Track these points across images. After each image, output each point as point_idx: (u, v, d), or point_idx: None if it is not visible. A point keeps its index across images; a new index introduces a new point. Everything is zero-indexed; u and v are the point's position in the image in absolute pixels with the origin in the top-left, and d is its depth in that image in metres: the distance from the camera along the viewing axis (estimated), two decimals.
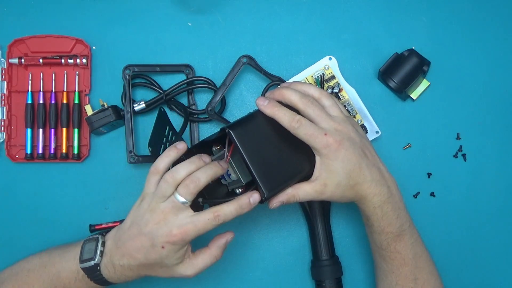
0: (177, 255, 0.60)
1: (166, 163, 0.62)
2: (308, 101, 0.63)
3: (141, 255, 0.60)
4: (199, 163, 0.61)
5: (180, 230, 0.59)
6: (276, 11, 0.80)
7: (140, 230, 0.60)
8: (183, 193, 0.59)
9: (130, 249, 0.61)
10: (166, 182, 0.60)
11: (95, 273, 0.62)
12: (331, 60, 0.77)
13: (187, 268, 0.62)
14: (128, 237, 0.61)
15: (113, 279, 0.63)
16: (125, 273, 0.62)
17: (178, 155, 0.62)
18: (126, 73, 0.76)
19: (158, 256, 0.60)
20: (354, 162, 0.62)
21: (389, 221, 0.64)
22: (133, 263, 0.61)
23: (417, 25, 0.79)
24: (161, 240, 0.59)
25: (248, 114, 0.64)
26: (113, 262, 0.62)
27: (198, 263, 0.62)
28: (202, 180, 0.59)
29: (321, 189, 0.62)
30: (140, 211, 0.61)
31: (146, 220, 0.60)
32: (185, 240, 0.59)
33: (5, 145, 0.77)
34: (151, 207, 0.60)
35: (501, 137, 0.78)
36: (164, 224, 0.59)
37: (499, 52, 0.79)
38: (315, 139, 0.61)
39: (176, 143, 0.62)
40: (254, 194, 0.60)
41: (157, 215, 0.59)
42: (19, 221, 0.78)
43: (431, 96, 0.79)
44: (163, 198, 0.60)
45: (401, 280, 0.66)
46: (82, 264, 0.62)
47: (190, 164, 0.60)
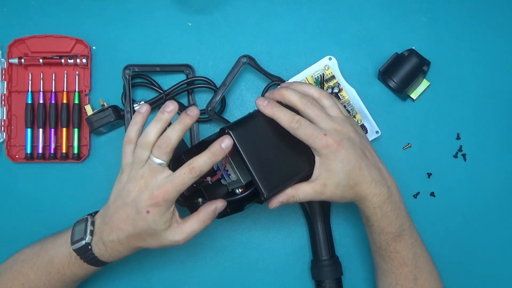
0: (163, 218, 0.60)
1: (136, 130, 0.62)
2: (307, 101, 0.63)
3: (128, 225, 0.60)
4: (165, 118, 0.61)
5: (160, 190, 0.59)
6: (276, 11, 0.80)
7: (123, 201, 0.60)
8: (158, 154, 0.59)
9: (116, 222, 0.61)
10: (140, 147, 0.60)
11: (87, 252, 0.62)
12: (331, 60, 0.77)
13: (175, 233, 0.61)
14: (114, 210, 0.61)
15: (105, 256, 0.63)
16: (115, 248, 0.62)
17: (144, 119, 0.63)
18: (126, 73, 0.76)
19: (145, 223, 0.60)
20: (353, 162, 0.62)
21: (388, 221, 0.64)
22: (122, 236, 0.61)
23: (417, 25, 0.79)
24: (144, 205, 0.59)
25: (247, 115, 0.64)
26: (103, 239, 0.62)
27: (186, 228, 0.62)
28: (174, 138, 0.60)
29: (321, 189, 0.62)
30: (121, 183, 0.62)
31: (128, 190, 0.60)
32: (167, 199, 0.59)
33: (5, 145, 0.77)
34: (131, 176, 0.61)
35: (501, 137, 0.78)
36: (145, 189, 0.59)
37: (499, 52, 0.79)
38: (314, 139, 0.61)
39: (139, 107, 0.63)
40: (225, 139, 0.59)
41: (137, 182, 0.60)
42: (19, 221, 0.78)
43: (431, 96, 0.79)
44: (141, 164, 0.60)
45: (401, 280, 0.66)
46: (74, 245, 0.62)
47: (157, 123, 0.61)
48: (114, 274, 0.77)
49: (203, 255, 0.78)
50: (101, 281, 0.77)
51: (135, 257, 0.77)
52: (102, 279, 0.77)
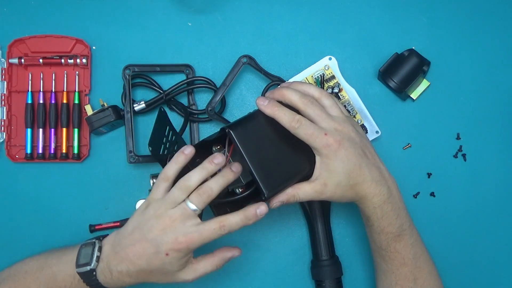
0: (180, 262, 0.60)
1: (175, 169, 0.61)
2: (308, 101, 0.63)
3: (142, 261, 0.60)
4: (211, 169, 0.60)
5: (186, 238, 0.58)
6: (276, 11, 0.80)
7: (143, 236, 0.59)
8: (196, 202, 0.59)
9: (130, 255, 0.60)
10: (179, 189, 0.60)
11: (91, 278, 0.62)
12: (331, 60, 0.77)
13: (188, 273, 0.62)
14: (129, 242, 0.60)
15: (110, 284, 0.62)
16: (122, 279, 0.62)
17: (186, 161, 0.61)
18: (126, 73, 0.76)
19: (161, 263, 0.59)
20: (354, 162, 0.62)
21: (389, 221, 0.64)
22: (133, 269, 0.60)
23: (417, 25, 0.79)
24: (165, 247, 0.58)
25: (248, 114, 0.64)
26: (110, 268, 0.61)
27: (199, 269, 0.62)
28: (215, 190, 0.60)
29: (321, 189, 0.62)
30: (145, 217, 0.60)
31: (151, 226, 0.59)
32: (189, 248, 0.59)
33: (5, 145, 0.77)
34: (158, 213, 0.60)
35: (501, 137, 0.78)
36: (170, 231, 0.59)
37: (499, 52, 0.79)
38: (315, 139, 0.61)
39: (183, 148, 0.62)
40: (261, 206, 0.60)
41: (164, 221, 0.59)
42: (19, 221, 0.78)
43: (431, 96, 0.79)
44: (173, 205, 0.59)
45: (401, 280, 0.66)
46: (78, 269, 0.62)
47: (202, 170, 0.60)
48: None
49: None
50: None
51: None
52: None
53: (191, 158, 0.62)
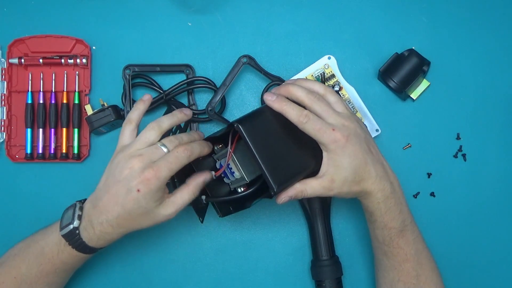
0: (154, 197, 0.59)
1: (138, 114, 0.65)
2: (314, 97, 0.63)
3: (118, 206, 0.60)
4: (180, 117, 0.64)
5: (154, 168, 0.59)
6: (276, 11, 0.80)
7: (114, 179, 0.60)
8: (168, 145, 0.61)
9: (106, 203, 0.60)
10: (151, 129, 0.61)
11: (75, 237, 0.62)
12: (330, 59, 0.78)
13: (167, 207, 0.61)
14: (104, 191, 0.61)
15: (94, 241, 0.62)
16: (104, 231, 0.62)
17: (146, 106, 0.65)
18: (126, 73, 0.76)
19: (135, 202, 0.59)
20: (360, 157, 0.62)
21: (392, 216, 0.64)
22: (111, 217, 0.60)
23: (417, 25, 0.79)
24: (135, 183, 0.58)
25: (255, 110, 0.64)
26: (91, 222, 0.61)
27: (177, 200, 0.62)
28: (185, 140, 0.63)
29: (329, 184, 0.62)
30: (115, 162, 0.61)
31: (121, 167, 0.60)
32: (159, 178, 0.59)
33: (5, 145, 0.77)
34: (127, 153, 0.60)
35: (501, 137, 0.78)
36: (138, 167, 0.59)
37: (499, 52, 0.79)
38: (323, 134, 0.61)
39: (143, 96, 0.66)
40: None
41: (133, 160, 0.59)
42: (19, 221, 0.78)
43: (431, 96, 0.79)
44: (144, 145, 0.61)
45: (403, 277, 0.66)
46: (62, 231, 0.62)
47: (172, 117, 0.63)
48: (114, 274, 0.77)
49: (203, 255, 0.78)
50: (101, 281, 0.77)
51: (135, 257, 0.77)
52: (102, 279, 0.77)
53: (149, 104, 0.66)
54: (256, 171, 0.65)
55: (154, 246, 0.77)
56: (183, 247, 0.78)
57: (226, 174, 0.65)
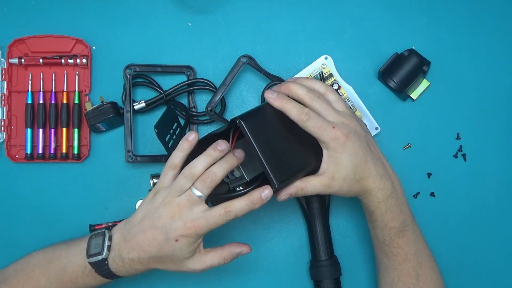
0: (189, 248, 0.61)
1: (181, 157, 0.62)
2: (314, 95, 0.64)
3: (153, 248, 0.61)
4: (215, 155, 0.61)
5: (194, 224, 0.59)
6: (276, 11, 0.80)
7: (153, 223, 0.61)
8: (200, 188, 0.60)
9: (140, 242, 0.61)
10: (184, 177, 0.60)
11: (103, 267, 0.63)
12: (327, 59, 0.78)
13: (196, 262, 0.63)
14: (139, 230, 0.61)
15: (122, 272, 0.63)
16: (134, 266, 0.63)
17: (191, 147, 0.62)
18: (127, 72, 0.76)
19: (171, 249, 0.60)
20: (360, 155, 0.62)
21: (392, 215, 0.64)
22: (144, 256, 0.61)
23: (417, 25, 0.79)
24: (175, 234, 0.60)
25: (256, 107, 0.65)
26: (121, 256, 0.62)
27: (207, 260, 0.63)
28: (219, 175, 0.60)
29: (329, 182, 0.63)
30: (154, 205, 0.62)
31: (160, 214, 0.61)
32: (198, 233, 0.60)
33: (5, 145, 0.77)
34: (166, 201, 0.61)
35: (501, 137, 0.78)
36: (178, 218, 0.60)
37: (499, 52, 0.79)
38: (323, 131, 0.61)
39: (187, 135, 0.62)
40: (265, 190, 0.60)
41: (172, 209, 0.60)
42: (19, 221, 0.78)
43: (431, 96, 0.79)
44: (180, 192, 0.60)
45: (403, 277, 0.66)
46: (90, 259, 0.62)
47: (206, 157, 0.61)
48: None
49: None
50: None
51: None
52: None
53: (195, 144, 0.62)
54: (255, 170, 0.65)
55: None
56: None
57: None
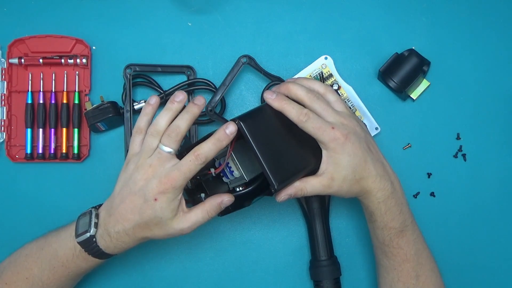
0: (170, 206, 0.60)
1: (146, 120, 0.64)
2: (314, 96, 0.64)
3: (135, 215, 0.61)
4: (175, 107, 0.62)
5: (168, 178, 0.59)
6: (276, 11, 0.80)
7: (130, 190, 0.61)
8: (167, 143, 0.60)
9: (123, 212, 0.61)
10: (150, 135, 0.61)
11: (92, 245, 0.62)
12: (327, 59, 0.78)
13: (180, 221, 0.62)
14: (120, 200, 0.61)
15: (110, 248, 0.63)
16: (121, 239, 0.62)
17: (154, 110, 0.64)
18: (127, 72, 0.76)
19: (152, 211, 0.60)
20: (360, 156, 0.62)
21: (392, 216, 0.64)
22: (128, 226, 0.61)
23: (417, 25, 0.79)
24: (152, 193, 0.59)
25: (255, 108, 0.65)
26: (108, 231, 0.62)
27: (191, 217, 0.62)
28: (183, 127, 0.61)
29: (328, 183, 0.63)
30: (128, 173, 0.62)
31: (135, 179, 0.61)
32: (174, 186, 0.59)
33: (5, 145, 0.77)
34: (138, 164, 0.61)
35: (501, 137, 0.78)
36: (152, 177, 0.60)
37: (499, 52, 0.79)
38: (322, 132, 0.61)
39: (149, 99, 0.64)
40: (229, 125, 0.60)
41: (145, 170, 0.60)
42: (19, 221, 0.78)
43: (431, 96, 0.79)
44: (150, 152, 0.61)
45: (403, 277, 0.66)
46: (78, 238, 0.62)
47: (167, 112, 0.62)
48: (114, 274, 0.77)
49: (203, 255, 0.78)
50: (101, 281, 0.77)
51: (135, 256, 0.77)
52: (102, 279, 0.77)
53: (157, 106, 0.64)
54: (255, 170, 0.65)
55: (154, 246, 0.77)
56: (183, 247, 0.78)
57: (225, 173, 0.65)
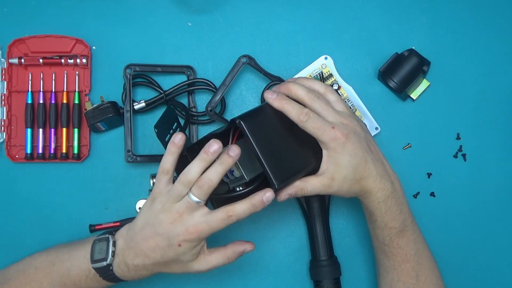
0: (193, 251, 0.61)
1: (171, 161, 0.62)
2: (314, 95, 0.64)
3: (156, 254, 0.61)
4: (209, 158, 0.60)
5: (196, 228, 0.60)
6: (276, 11, 0.80)
7: (154, 231, 0.61)
8: (197, 194, 0.59)
9: (144, 249, 0.61)
10: (181, 183, 0.60)
11: (108, 272, 0.63)
12: (327, 59, 0.78)
13: (201, 264, 0.63)
14: (142, 237, 0.61)
15: (127, 277, 0.64)
16: (139, 272, 0.63)
17: (179, 149, 0.61)
18: (127, 72, 0.76)
19: (174, 254, 0.61)
20: (360, 156, 0.62)
21: (392, 216, 0.64)
22: (148, 262, 0.62)
23: (417, 25, 0.79)
24: (177, 239, 0.60)
25: (255, 108, 0.65)
26: (126, 262, 0.62)
27: (211, 260, 0.63)
28: (215, 180, 0.60)
29: (329, 182, 0.63)
30: (153, 212, 0.61)
31: (160, 220, 0.60)
32: (200, 237, 0.60)
33: (5, 145, 0.77)
34: (165, 208, 0.60)
35: (501, 137, 0.78)
36: (179, 223, 0.60)
37: (499, 52, 0.79)
38: (323, 132, 0.61)
39: (173, 137, 0.62)
40: (267, 193, 0.60)
41: (172, 215, 0.60)
42: (19, 221, 0.78)
43: (431, 96, 0.79)
44: (178, 199, 0.60)
45: (403, 277, 0.66)
46: (94, 264, 0.62)
47: (200, 162, 0.60)
48: None
49: None
50: None
51: None
52: None
53: (182, 145, 0.61)
54: (255, 170, 0.65)
55: None
56: None
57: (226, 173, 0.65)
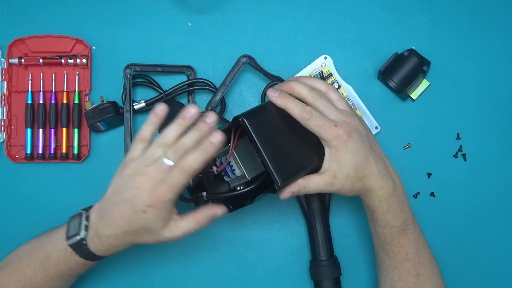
0: (160, 218, 0.59)
1: (151, 131, 0.61)
2: (316, 94, 0.64)
3: (124, 222, 0.60)
4: (185, 123, 0.60)
5: (157, 192, 0.58)
6: (276, 11, 0.80)
7: (121, 197, 0.59)
8: (172, 157, 0.58)
9: (113, 217, 0.60)
10: (157, 146, 0.59)
11: (82, 247, 0.62)
12: (326, 59, 0.78)
13: (171, 231, 0.61)
14: (111, 206, 0.60)
15: (101, 251, 0.63)
16: (111, 243, 0.62)
17: (160, 120, 0.61)
18: (127, 72, 0.76)
19: (141, 221, 0.59)
20: (362, 154, 0.62)
21: (394, 214, 0.64)
22: (118, 232, 0.60)
23: (417, 25, 0.79)
24: (141, 205, 0.58)
25: (258, 106, 0.65)
26: (98, 234, 0.61)
27: (182, 226, 0.61)
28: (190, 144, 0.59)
29: (331, 180, 0.63)
30: (122, 177, 0.60)
31: (127, 185, 0.59)
32: (163, 201, 0.58)
33: (5, 145, 0.77)
34: (134, 172, 0.59)
35: (501, 137, 0.78)
36: (145, 188, 0.58)
37: (499, 52, 0.79)
38: (325, 130, 0.61)
39: (155, 107, 0.61)
40: (216, 134, 0.59)
41: (138, 179, 0.58)
42: (19, 221, 0.78)
43: (431, 96, 0.79)
44: (150, 162, 0.59)
45: (404, 276, 0.66)
46: (69, 240, 0.62)
47: (177, 126, 0.60)
48: (114, 274, 0.77)
49: (203, 255, 0.78)
50: (101, 281, 0.77)
51: (135, 256, 0.77)
52: (102, 279, 0.77)
53: (164, 116, 0.61)
54: (256, 169, 0.65)
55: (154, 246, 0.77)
56: (183, 247, 0.78)
57: (226, 172, 0.65)
